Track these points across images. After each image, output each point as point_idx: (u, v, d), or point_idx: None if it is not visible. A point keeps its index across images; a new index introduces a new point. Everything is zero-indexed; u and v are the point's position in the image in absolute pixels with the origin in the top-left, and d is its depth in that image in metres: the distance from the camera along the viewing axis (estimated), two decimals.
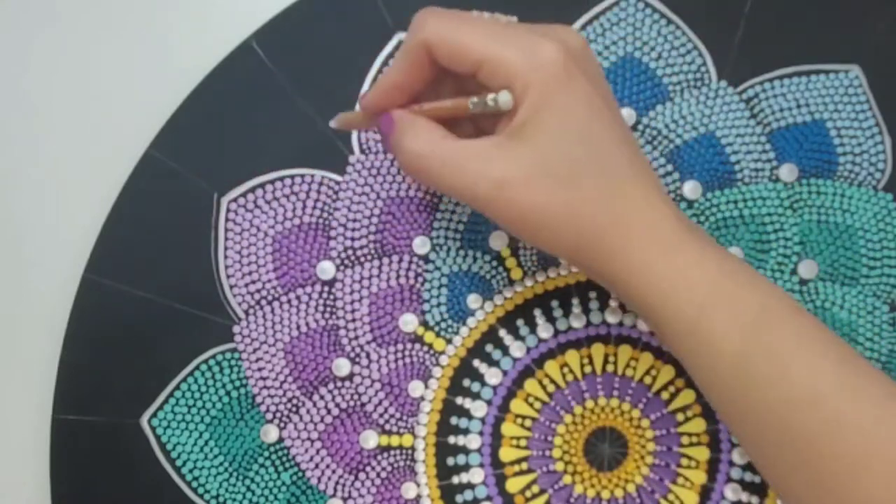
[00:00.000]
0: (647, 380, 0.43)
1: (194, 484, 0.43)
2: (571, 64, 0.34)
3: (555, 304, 0.44)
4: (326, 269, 0.44)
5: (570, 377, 0.43)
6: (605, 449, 0.43)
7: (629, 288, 0.36)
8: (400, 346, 0.44)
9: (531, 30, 0.36)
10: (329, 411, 0.44)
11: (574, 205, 0.35)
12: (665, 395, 0.43)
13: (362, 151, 0.44)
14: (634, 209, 0.35)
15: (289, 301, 0.44)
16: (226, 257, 0.44)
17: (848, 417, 0.32)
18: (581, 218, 0.35)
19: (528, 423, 0.43)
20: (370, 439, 0.43)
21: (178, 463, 0.43)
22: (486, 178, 0.35)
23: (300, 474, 0.43)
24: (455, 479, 0.43)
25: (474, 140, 0.36)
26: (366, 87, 0.44)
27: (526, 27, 0.36)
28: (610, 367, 0.43)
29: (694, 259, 0.35)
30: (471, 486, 0.43)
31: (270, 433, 0.43)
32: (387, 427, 0.43)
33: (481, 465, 0.43)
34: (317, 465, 0.43)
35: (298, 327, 0.44)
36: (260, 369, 0.44)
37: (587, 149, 0.35)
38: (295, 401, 0.43)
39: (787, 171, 0.43)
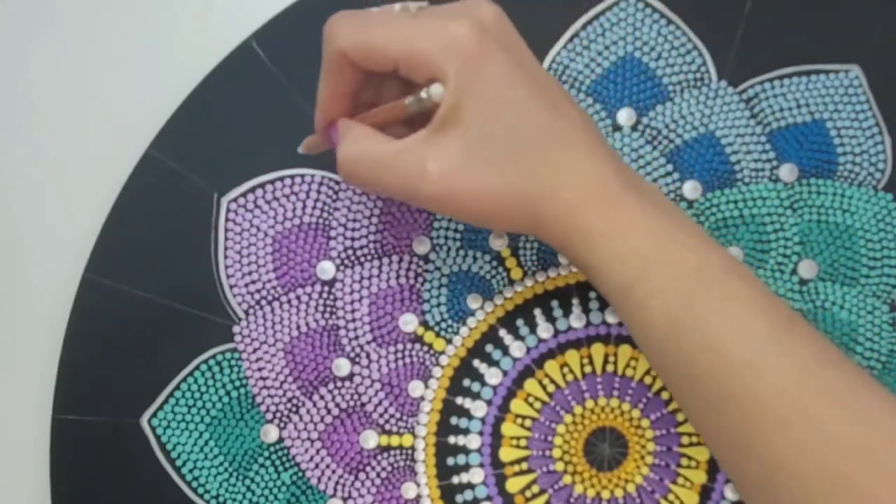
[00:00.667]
0: (647, 380, 0.43)
1: (194, 484, 0.43)
2: (485, 39, 0.34)
3: (555, 304, 0.44)
4: (326, 269, 0.44)
5: (570, 377, 0.43)
6: (605, 449, 0.43)
7: (573, 254, 0.36)
8: (400, 346, 0.44)
9: (441, 14, 0.35)
10: (329, 411, 0.44)
11: (510, 182, 0.35)
12: (665, 395, 0.43)
13: None
14: (566, 175, 0.35)
15: (289, 301, 0.44)
16: (226, 257, 0.44)
17: (771, 381, 0.32)
18: (519, 193, 0.35)
19: (528, 423, 0.43)
20: (370, 439, 0.43)
21: (178, 463, 0.43)
22: (422, 176, 0.35)
23: (300, 474, 0.43)
24: (455, 479, 0.43)
25: (404, 139, 0.36)
26: None
27: (436, 11, 0.36)
28: (610, 367, 0.43)
29: (630, 220, 0.35)
30: (471, 486, 0.43)
31: (270, 433, 0.43)
32: (387, 427, 0.43)
33: (481, 465, 0.43)
34: (317, 465, 0.43)
35: (298, 327, 0.44)
36: (260, 369, 0.44)
37: (512, 123, 0.34)
38: (295, 401, 0.43)
39: (787, 171, 0.43)
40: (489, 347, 0.44)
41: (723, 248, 0.35)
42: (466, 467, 0.43)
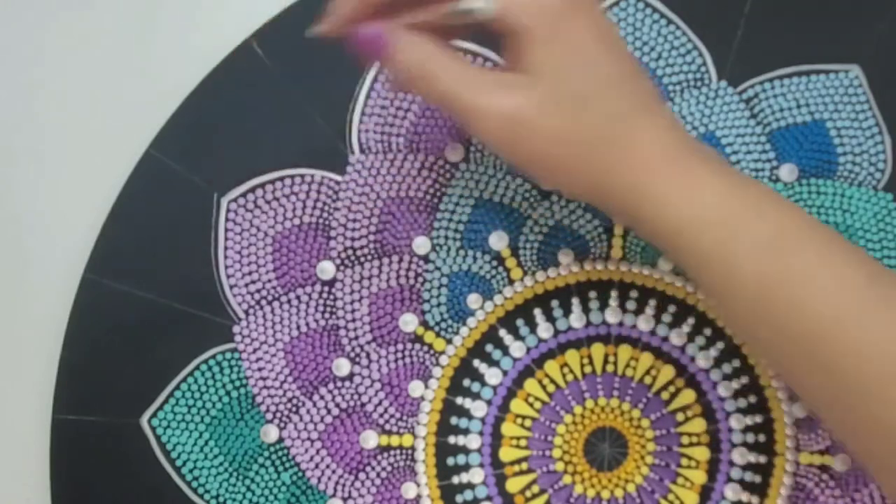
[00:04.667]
0: (647, 380, 0.43)
1: (194, 484, 0.43)
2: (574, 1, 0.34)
3: (555, 304, 0.44)
4: (326, 269, 0.44)
5: (570, 377, 0.43)
6: (605, 449, 0.43)
7: (646, 222, 0.35)
8: (400, 346, 0.44)
9: None
10: (329, 411, 0.44)
11: (586, 136, 0.34)
12: (665, 395, 0.43)
13: (362, 151, 0.44)
14: (644, 138, 0.35)
15: (289, 301, 0.44)
16: (226, 257, 0.44)
17: (870, 338, 0.32)
18: (593, 149, 0.35)
19: (528, 423, 0.43)
20: (370, 439, 0.43)
21: (178, 463, 0.43)
22: (499, 113, 0.34)
23: (300, 474, 0.43)
24: (455, 479, 0.43)
25: (484, 69, 0.35)
26: (366, 87, 0.44)
27: None
28: (610, 367, 0.43)
29: (705, 184, 0.34)
30: (471, 486, 0.43)
31: (270, 433, 0.43)
32: (387, 427, 0.43)
33: (481, 465, 0.43)
34: (317, 465, 0.43)
35: (298, 327, 0.44)
36: (260, 369, 0.44)
37: (596, 79, 0.34)
38: (295, 401, 0.43)
39: (787, 171, 0.43)
40: (489, 347, 0.44)
41: (802, 209, 0.35)
42: (466, 467, 0.43)
